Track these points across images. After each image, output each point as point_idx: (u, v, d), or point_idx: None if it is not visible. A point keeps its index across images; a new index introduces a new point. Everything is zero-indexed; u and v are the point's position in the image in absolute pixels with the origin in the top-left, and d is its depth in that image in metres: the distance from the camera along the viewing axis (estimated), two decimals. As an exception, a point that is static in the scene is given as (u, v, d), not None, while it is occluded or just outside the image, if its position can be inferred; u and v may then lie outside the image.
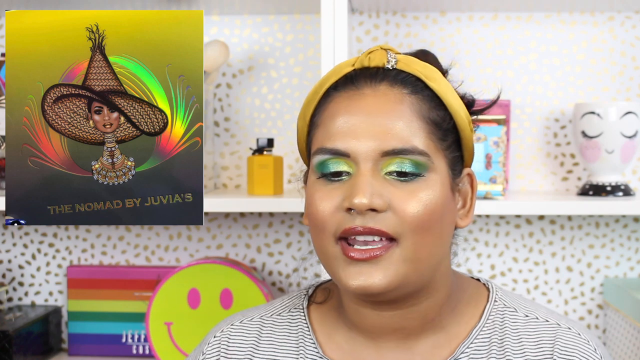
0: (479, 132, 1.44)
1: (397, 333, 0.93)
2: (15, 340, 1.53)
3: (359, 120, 0.88)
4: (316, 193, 0.89)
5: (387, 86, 0.90)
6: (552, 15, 1.66)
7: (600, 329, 1.68)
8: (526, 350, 0.93)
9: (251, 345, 0.97)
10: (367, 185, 0.85)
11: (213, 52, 1.52)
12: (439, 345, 0.94)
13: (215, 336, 1.00)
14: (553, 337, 0.93)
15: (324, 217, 0.87)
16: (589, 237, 1.68)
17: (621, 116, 1.49)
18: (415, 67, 0.91)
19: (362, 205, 0.84)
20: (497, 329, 0.94)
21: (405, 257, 0.86)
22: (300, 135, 0.97)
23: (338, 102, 0.90)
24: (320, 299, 1.00)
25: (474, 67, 1.67)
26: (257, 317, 1.00)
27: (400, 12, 1.67)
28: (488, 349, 0.93)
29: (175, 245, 1.72)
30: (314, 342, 0.96)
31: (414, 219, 0.86)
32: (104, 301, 1.68)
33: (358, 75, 0.91)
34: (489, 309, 0.96)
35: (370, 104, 0.89)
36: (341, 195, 0.87)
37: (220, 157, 1.71)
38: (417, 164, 0.87)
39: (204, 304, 1.55)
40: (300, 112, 0.96)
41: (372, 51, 0.92)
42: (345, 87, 0.91)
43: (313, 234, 0.91)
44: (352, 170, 0.88)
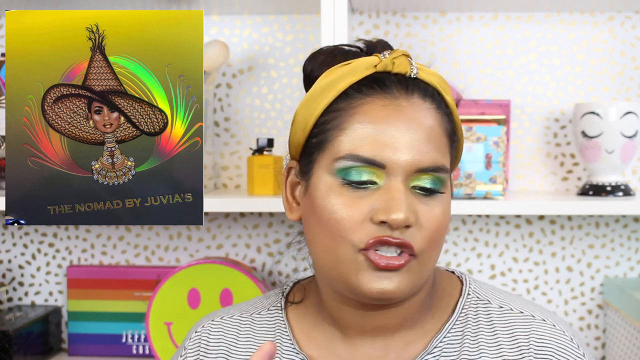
0: (479, 132, 1.44)
1: (375, 331, 0.93)
2: (15, 340, 1.53)
3: (397, 132, 0.86)
4: (338, 199, 0.87)
5: (419, 98, 0.89)
6: (552, 15, 1.66)
7: (600, 329, 1.69)
8: (501, 342, 0.92)
9: (229, 342, 0.98)
10: (404, 201, 0.85)
11: (213, 52, 1.52)
12: (412, 340, 0.94)
13: (196, 331, 1.01)
14: (528, 329, 0.93)
15: (348, 225, 0.86)
16: (589, 237, 1.68)
17: (621, 116, 1.49)
18: (434, 79, 0.92)
19: (400, 221, 0.84)
20: (470, 322, 0.94)
21: (418, 269, 0.88)
22: (299, 129, 0.94)
23: (372, 109, 0.88)
24: (297, 297, 1.00)
25: (474, 67, 1.67)
26: (237, 314, 1.01)
27: (400, 12, 1.67)
28: (461, 343, 0.93)
29: (175, 245, 1.72)
30: (290, 339, 0.96)
31: (432, 235, 0.87)
32: (104, 301, 1.68)
33: (386, 79, 0.90)
34: (462, 303, 0.95)
35: (408, 116, 0.87)
36: (370, 205, 0.86)
37: (220, 157, 1.71)
38: (440, 181, 0.88)
39: (204, 304, 1.55)
40: (303, 106, 0.93)
41: (396, 56, 0.90)
42: (375, 92, 0.89)
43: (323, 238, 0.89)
44: (379, 181, 0.86)
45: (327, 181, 0.89)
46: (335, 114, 0.90)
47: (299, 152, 0.95)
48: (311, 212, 0.91)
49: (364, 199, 0.86)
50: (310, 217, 0.91)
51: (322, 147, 0.90)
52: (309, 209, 0.91)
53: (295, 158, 0.96)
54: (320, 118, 0.91)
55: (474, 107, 1.56)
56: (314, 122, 0.92)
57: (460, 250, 1.69)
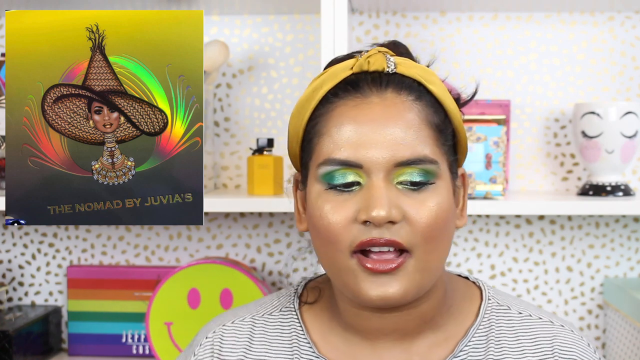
0: (479, 132, 1.44)
1: (395, 334, 0.93)
2: (15, 340, 1.53)
3: (370, 130, 0.86)
4: (325, 204, 0.87)
5: (393, 93, 0.88)
6: (552, 15, 1.66)
7: (600, 329, 1.69)
8: (524, 348, 0.93)
9: (244, 346, 0.96)
10: (384, 197, 0.84)
11: (213, 52, 1.52)
12: (436, 344, 0.93)
13: (207, 337, 0.98)
14: (550, 335, 0.94)
15: (336, 230, 0.86)
16: (589, 237, 1.68)
17: (621, 116, 1.49)
18: (415, 71, 0.90)
19: (381, 219, 0.83)
20: (493, 327, 0.94)
21: (419, 268, 0.86)
22: (293, 140, 0.94)
23: (344, 111, 0.88)
24: (311, 298, 0.99)
25: (474, 67, 1.67)
26: (249, 317, 0.99)
27: (400, 12, 1.67)
28: (486, 347, 0.93)
29: (175, 245, 1.72)
30: (308, 342, 0.95)
31: (427, 229, 0.85)
32: (104, 301, 1.68)
33: (360, 80, 0.89)
34: (484, 307, 0.96)
35: (379, 112, 0.87)
36: (354, 207, 0.86)
37: (220, 157, 1.71)
38: (428, 173, 0.86)
39: (204, 304, 1.55)
40: (293, 116, 0.94)
41: (371, 55, 0.90)
42: (348, 94, 0.89)
43: (321, 247, 0.89)
44: (362, 180, 0.86)
45: (315, 188, 0.89)
46: (316, 121, 0.90)
47: (297, 163, 0.96)
48: (310, 221, 0.91)
49: (348, 201, 0.86)
50: (310, 226, 0.91)
51: (310, 156, 0.91)
52: (309, 218, 0.91)
53: (298, 170, 0.97)
54: (307, 126, 0.92)
55: (474, 107, 1.56)
56: (303, 131, 0.92)
57: (460, 250, 1.69)
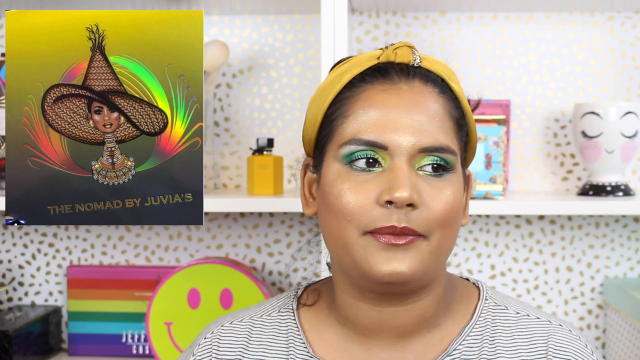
0: (479, 132, 1.45)
1: (392, 331, 0.93)
2: (15, 340, 1.53)
3: (397, 115, 0.88)
4: (345, 183, 0.88)
5: (420, 83, 0.91)
6: (552, 15, 1.66)
7: (600, 329, 1.69)
8: (519, 347, 0.93)
9: (241, 346, 0.97)
10: (407, 179, 0.85)
11: (213, 52, 1.52)
12: (431, 343, 0.94)
13: (205, 337, 0.99)
14: (546, 334, 0.94)
15: (354, 209, 0.86)
16: (589, 237, 1.68)
17: (621, 116, 1.49)
18: (438, 67, 0.93)
19: (404, 199, 0.84)
20: (488, 326, 0.95)
21: (431, 250, 0.87)
22: (310, 123, 0.96)
23: (373, 94, 0.90)
24: (310, 301, 1.00)
25: (474, 67, 1.67)
26: (247, 318, 1.00)
27: (400, 12, 1.68)
28: (480, 346, 0.93)
29: (175, 245, 1.72)
30: (303, 342, 0.95)
31: (442, 216, 0.87)
32: (104, 301, 1.68)
33: (388, 68, 0.92)
34: (481, 307, 0.96)
35: (407, 99, 0.89)
36: (376, 188, 0.86)
37: (220, 157, 1.71)
38: (448, 162, 0.88)
39: (204, 304, 1.55)
40: (313, 100, 0.96)
41: (398, 47, 0.92)
42: (376, 79, 0.91)
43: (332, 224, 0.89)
44: (384, 163, 0.88)
45: (334, 168, 0.90)
46: (340, 104, 0.92)
47: (312, 147, 0.97)
48: (322, 202, 0.92)
49: (369, 182, 0.87)
50: (322, 206, 0.92)
51: (330, 137, 0.92)
52: (321, 199, 0.92)
53: (309, 154, 0.98)
54: (328, 110, 0.93)
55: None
56: (323, 115, 0.94)
57: (460, 250, 1.69)
